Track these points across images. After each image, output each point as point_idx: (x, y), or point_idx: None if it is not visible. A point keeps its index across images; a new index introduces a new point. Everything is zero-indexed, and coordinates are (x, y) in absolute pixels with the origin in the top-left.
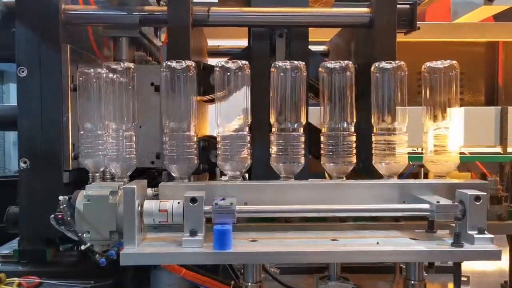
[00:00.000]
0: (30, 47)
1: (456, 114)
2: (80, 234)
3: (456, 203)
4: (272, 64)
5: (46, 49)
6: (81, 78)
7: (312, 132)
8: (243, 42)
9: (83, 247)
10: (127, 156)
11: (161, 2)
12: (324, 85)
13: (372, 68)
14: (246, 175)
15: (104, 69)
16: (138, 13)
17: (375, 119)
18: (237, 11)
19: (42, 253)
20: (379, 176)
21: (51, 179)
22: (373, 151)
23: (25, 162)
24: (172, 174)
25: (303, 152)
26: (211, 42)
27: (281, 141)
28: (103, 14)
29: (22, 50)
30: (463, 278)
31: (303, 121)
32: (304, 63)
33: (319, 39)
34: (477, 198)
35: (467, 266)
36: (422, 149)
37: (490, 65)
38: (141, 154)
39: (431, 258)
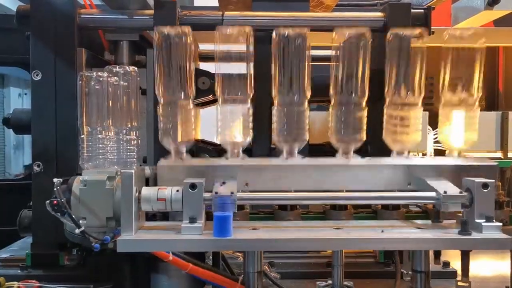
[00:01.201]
0: (45, 51)
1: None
2: (74, 217)
3: (463, 194)
4: (274, 31)
5: (61, 53)
6: (80, 82)
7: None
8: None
9: (77, 231)
10: (128, 160)
11: None
12: (337, 55)
13: (388, 35)
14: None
15: (106, 72)
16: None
17: (388, 91)
18: (242, 15)
19: (55, 257)
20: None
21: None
22: (384, 125)
23: (38, 166)
24: (167, 147)
25: (307, 127)
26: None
27: (283, 116)
28: (118, 18)
29: (37, 53)
30: (464, 284)
31: (308, 95)
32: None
33: (327, 44)
34: (485, 185)
35: (469, 273)
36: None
37: (490, 70)
38: None
39: (439, 246)
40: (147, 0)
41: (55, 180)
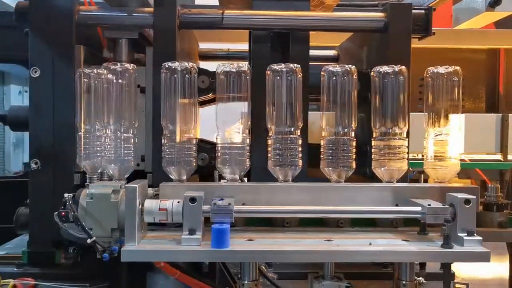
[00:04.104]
0: (43, 48)
1: (457, 121)
2: (87, 228)
3: (446, 206)
4: (268, 67)
5: (59, 50)
6: (87, 79)
7: (311, 148)
8: (238, 46)
9: (89, 241)
10: (125, 158)
11: None
12: (325, 88)
13: (372, 73)
14: (245, 179)
15: (104, 70)
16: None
17: (375, 123)
18: (243, 14)
19: (52, 255)
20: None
21: (61, 181)
22: (373, 156)
23: (36, 163)
24: (170, 176)
25: (300, 155)
26: (209, 46)
27: (277, 145)
28: (116, 16)
29: (35, 50)
30: (462, 286)
31: (300, 124)
32: (299, 65)
33: (327, 44)
34: (467, 201)
35: (467, 274)
36: (422, 155)
37: (491, 72)
38: None
39: (421, 258)
40: None
41: (66, 195)
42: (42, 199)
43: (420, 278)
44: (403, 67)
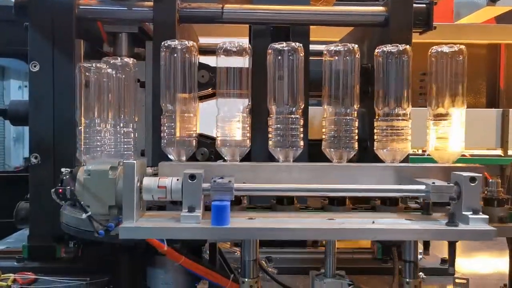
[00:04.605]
0: (43, 42)
1: (461, 102)
2: (82, 203)
3: (451, 184)
4: (269, 46)
5: (59, 44)
6: (87, 73)
7: (311, 145)
8: (238, 40)
9: (84, 216)
10: (125, 152)
11: None
12: (327, 67)
13: (376, 52)
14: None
15: (104, 64)
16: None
17: (378, 104)
18: (243, 8)
19: (52, 250)
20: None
21: None
22: (375, 137)
23: (36, 158)
24: (169, 156)
25: (301, 136)
26: (208, 40)
27: (278, 125)
28: (116, 10)
29: (35, 44)
30: (462, 281)
31: (301, 104)
32: (301, 44)
33: (328, 39)
34: (473, 179)
35: (466, 269)
36: (423, 150)
37: (491, 67)
38: None
39: (425, 236)
40: None
41: (62, 169)
42: (42, 194)
43: (420, 273)
44: (407, 46)
